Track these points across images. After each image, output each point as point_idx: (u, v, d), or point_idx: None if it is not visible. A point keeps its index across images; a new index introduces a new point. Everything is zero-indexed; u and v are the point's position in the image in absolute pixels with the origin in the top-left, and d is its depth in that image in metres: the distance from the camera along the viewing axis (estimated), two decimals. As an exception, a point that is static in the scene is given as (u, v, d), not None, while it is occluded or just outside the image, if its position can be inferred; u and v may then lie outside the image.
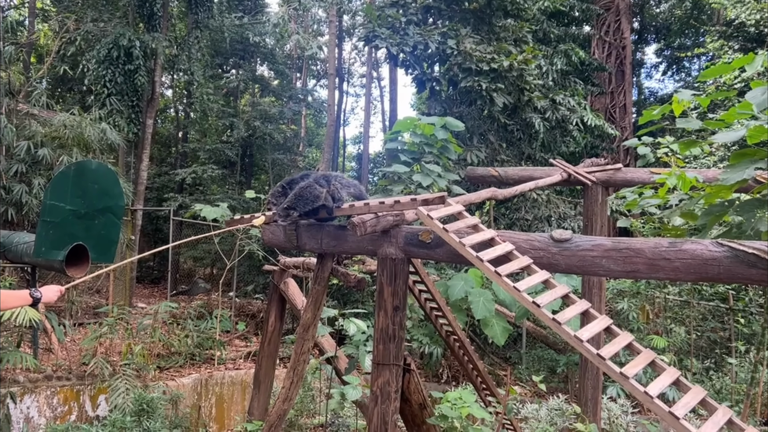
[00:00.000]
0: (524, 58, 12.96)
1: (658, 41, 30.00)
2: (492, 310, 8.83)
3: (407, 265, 4.63)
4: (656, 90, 31.81)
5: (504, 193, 6.33)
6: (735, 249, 3.32)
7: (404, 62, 13.52)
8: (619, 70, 23.56)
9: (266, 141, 21.23)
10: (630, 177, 7.43)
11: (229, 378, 10.50)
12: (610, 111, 23.40)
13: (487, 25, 14.29)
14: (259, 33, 21.07)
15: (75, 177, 7.62)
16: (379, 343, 4.52)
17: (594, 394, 7.49)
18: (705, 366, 11.15)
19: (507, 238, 4.11)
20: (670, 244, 3.56)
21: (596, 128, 15.33)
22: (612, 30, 23.94)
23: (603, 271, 3.78)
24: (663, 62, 30.67)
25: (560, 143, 15.18)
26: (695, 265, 3.45)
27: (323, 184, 4.66)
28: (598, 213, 7.59)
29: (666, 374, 3.24)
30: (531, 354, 12.72)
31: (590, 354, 3.24)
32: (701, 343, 11.65)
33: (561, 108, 14.40)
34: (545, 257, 3.97)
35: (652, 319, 11.49)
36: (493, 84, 12.72)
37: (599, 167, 7.52)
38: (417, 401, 4.94)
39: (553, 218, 14.61)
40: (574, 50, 16.18)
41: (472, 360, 6.62)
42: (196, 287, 17.29)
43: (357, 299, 13.55)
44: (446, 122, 7.98)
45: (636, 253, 3.61)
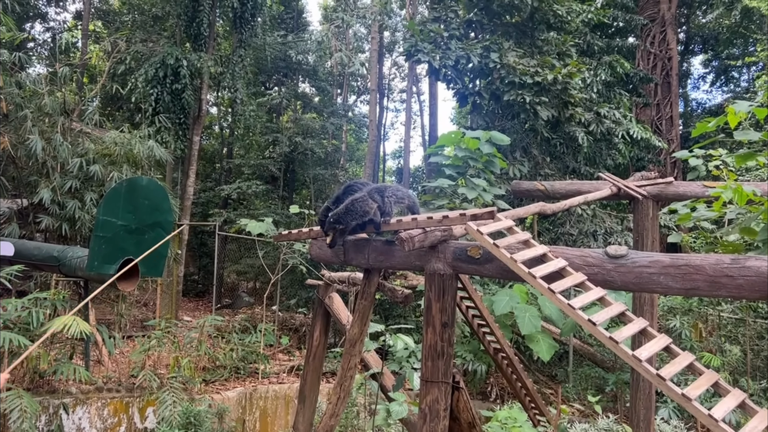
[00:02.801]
0: (568, 72, 12.80)
1: (705, 51, 29.32)
2: (538, 326, 8.67)
3: (455, 280, 4.58)
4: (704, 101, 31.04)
5: (552, 208, 6.23)
6: (804, 266, 3.17)
7: (446, 76, 13.52)
8: (665, 81, 23.06)
9: (308, 156, 21.48)
10: (682, 191, 7.22)
11: (273, 392, 10.55)
12: (657, 123, 22.89)
13: (530, 39, 14.19)
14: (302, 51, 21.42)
15: (126, 193, 7.84)
16: (428, 359, 4.48)
17: (647, 414, 7.25)
18: (762, 387, 10.68)
19: (559, 254, 4.03)
20: (733, 260, 3.43)
21: (643, 141, 14.99)
22: (657, 41, 23.48)
23: (661, 288, 3.66)
24: (710, 73, 29.94)
25: (605, 156, 14.89)
26: (760, 282, 3.31)
27: (377, 199, 4.65)
28: (649, 228, 7.39)
29: (730, 396, 3.11)
30: (578, 372, 12.41)
31: (649, 374, 3.13)
32: (758, 362, 11.17)
33: (606, 121, 14.14)
34: (599, 274, 3.87)
35: (705, 337, 11.08)
36: (537, 97, 12.59)
37: (649, 181, 7.34)
38: (466, 420, 4.86)
39: (599, 233, 14.31)
40: (619, 61, 15.91)
41: (521, 378, 6.49)
42: (240, 301, 17.51)
43: (399, 314, 13.49)
44: (491, 136, 7.91)
45: (696, 270, 3.49)
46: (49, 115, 10.88)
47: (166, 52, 14.02)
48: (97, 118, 11.61)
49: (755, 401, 10.22)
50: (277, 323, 13.81)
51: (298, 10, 25.15)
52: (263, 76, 23.74)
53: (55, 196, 10.23)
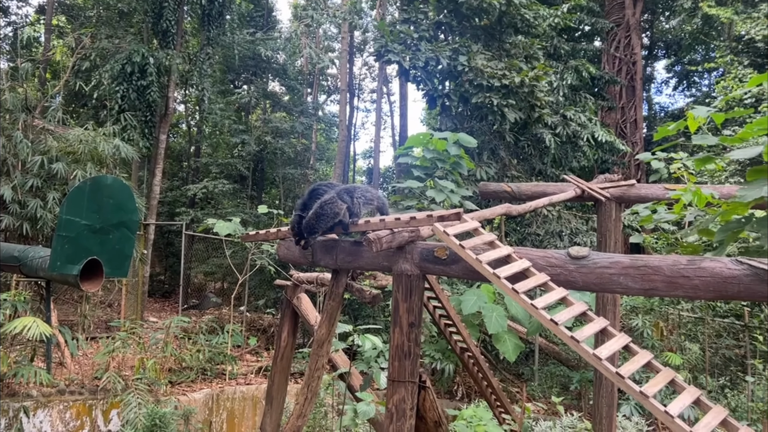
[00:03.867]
0: (535, 75, 13.00)
1: (668, 56, 30.02)
2: (505, 325, 8.79)
3: (423, 281, 4.63)
4: (666, 105, 31.80)
5: (518, 209, 6.32)
6: (755, 267, 3.30)
7: (416, 78, 13.59)
8: (629, 85, 23.56)
9: (277, 156, 21.37)
10: (644, 193, 7.40)
11: (240, 393, 10.48)
12: (621, 126, 23.36)
13: (498, 42, 14.36)
14: (271, 49, 21.29)
15: (90, 192, 7.70)
16: (395, 359, 4.51)
17: (609, 411, 7.41)
18: (720, 384, 11.01)
19: (523, 255, 4.11)
20: (689, 261, 3.55)
21: (607, 143, 15.31)
22: (622, 45, 23.97)
23: (621, 288, 3.76)
24: (673, 77, 30.67)
25: (571, 158, 15.16)
26: (714, 283, 3.43)
27: (346, 200, 4.67)
28: (612, 229, 7.56)
29: (686, 393, 3.22)
30: (543, 370, 12.61)
31: (609, 372, 3.22)
32: (716, 360, 11.51)
33: (572, 123, 14.40)
34: (562, 274, 3.96)
35: (666, 336, 11.38)
36: (504, 100, 12.76)
37: (613, 183, 7.50)
38: (432, 419, 4.91)
39: (565, 234, 14.56)
40: (584, 66, 16.22)
41: (486, 376, 6.57)
42: (207, 301, 17.33)
43: (368, 314, 13.52)
44: (459, 138, 8.00)
45: (654, 270, 3.60)
46: (9, 111, 10.61)
47: (132, 48, 13.80)
48: (61, 115, 11.36)
49: (713, 398, 10.53)
50: (244, 324, 13.71)
51: (268, 8, 24.97)
52: (232, 74, 23.52)
53: (15, 195, 9.99)
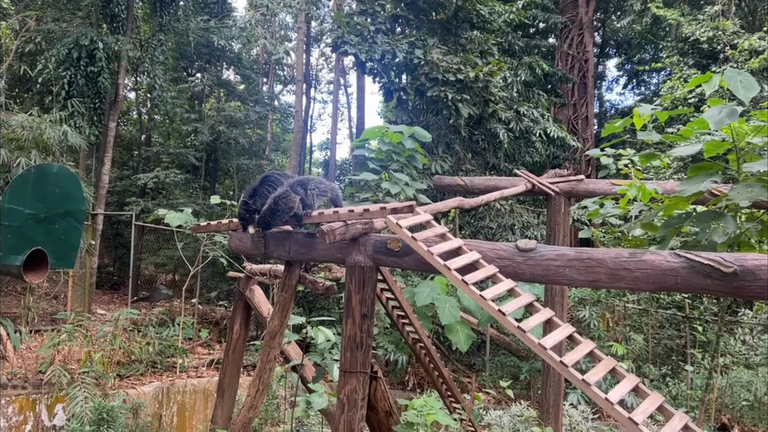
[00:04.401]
0: (489, 70, 13.18)
1: (619, 55, 30.81)
2: (457, 316, 8.93)
3: (375, 273, 4.66)
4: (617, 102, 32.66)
5: (471, 203, 6.43)
6: (691, 260, 3.45)
7: (372, 70, 13.59)
8: (581, 82, 24.10)
9: (231, 146, 21.05)
10: (592, 188, 7.61)
11: (192, 386, 10.34)
12: (573, 122, 23.91)
13: (454, 36, 14.48)
14: (226, 37, 20.91)
15: (35, 180, 7.44)
16: (347, 351, 4.54)
17: (556, 400, 7.63)
18: (662, 373, 11.45)
19: (474, 247, 4.19)
20: (631, 254, 3.68)
21: (559, 139, 15.65)
22: (575, 43, 24.49)
23: (566, 280, 3.88)
24: (624, 76, 31.50)
25: (524, 153, 15.44)
26: (654, 275, 3.57)
27: (299, 192, 4.66)
28: (560, 223, 7.75)
29: (626, 381, 3.35)
30: (494, 361, 12.87)
31: (553, 361, 3.33)
32: (659, 350, 11.96)
33: (525, 119, 14.67)
34: (510, 266, 4.06)
35: (612, 327, 11.76)
36: (459, 95, 12.89)
37: (562, 178, 7.69)
38: (383, 409, 4.97)
39: (517, 227, 14.84)
40: (538, 63, 16.51)
41: (438, 367, 6.68)
42: (158, 294, 17.00)
43: (323, 306, 13.51)
44: (414, 132, 8.06)
45: (598, 263, 3.72)
46: (-53, 95, 10.16)
47: (80, 32, 13.34)
48: (3, 100, 10.92)
49: (655, 386, 10.95)
50: (196, 316, 13.51)
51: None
52: (185, 61, 23.01)
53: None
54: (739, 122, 4.82)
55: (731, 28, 17.23)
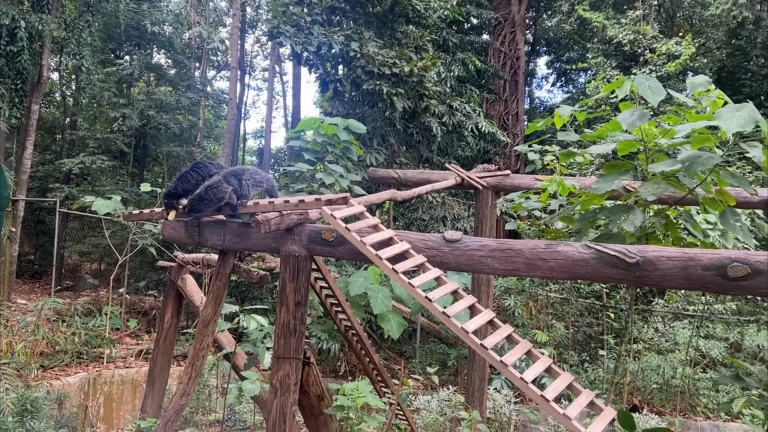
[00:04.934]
0: (424, 65, 13.46)
1: (549, 54, 31.81)
2: (389, 305, 9.17)
3: (310, 262, 4.80)
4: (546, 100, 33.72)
5: (403, 195, 6.64)
6: (600, 251, 3.78)
7: (308, 61, 13.60)
8: (513, 79, 24.81)
9: (161, 131, 20.52)
10: (517, 182, 7.99)
11: (119, 377, 10.16)
12: (504, 118, 24.61)
13: (390, 30, 14.68)
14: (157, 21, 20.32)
15: (-48, 164, 7.14)
16: (281, 337, 4.67)
17: (480, 385, 8.01)
18: (582, 358, 12.12)
19: (404, 238, 4.40)
20: (546, 246, 3.98)
21: (489, 134, 16.15)
22: (507, 40, 25.15)
23: (488, 269, 4.15)
24: (553, 74, 32.57)
25: (456, 147, 15.86)
26: (567, 265, 3.88)
27: (233, 182, 4.72)
28: (488, 216, 8.11)
29: (540, 362, 3.64)
30: (424, 348, 13.24)
31: (474, 344, 3.58)
32: (578, 337, 12.64)
33: (458, 114, 15.06)
34: (438, 256, 4.29)
35: (535, 315, 12.33)
36: (394, 88, 13.11)
37: (490, 173, 8.04)
38: (315, 393, 5.13)
39: (448, 219, 15.26)
40: (470, 59, 16.95)
41: (369, 353, 6.89)
42: (83, 283, 16.47)
43: (255, 296, 13.49)
44: (349, 124, 8.20)
45: (517, 253, 4.01)
46: None
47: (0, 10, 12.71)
48: None
49: (575, 370, 11.59)
50: (124, 306, 13.21)
51: (155, -23, 23.73)
52: (113, 43, 22.20)
53: None
54: (649, 124, 5.23)
55: (651, 33, 18.21)
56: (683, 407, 10.54)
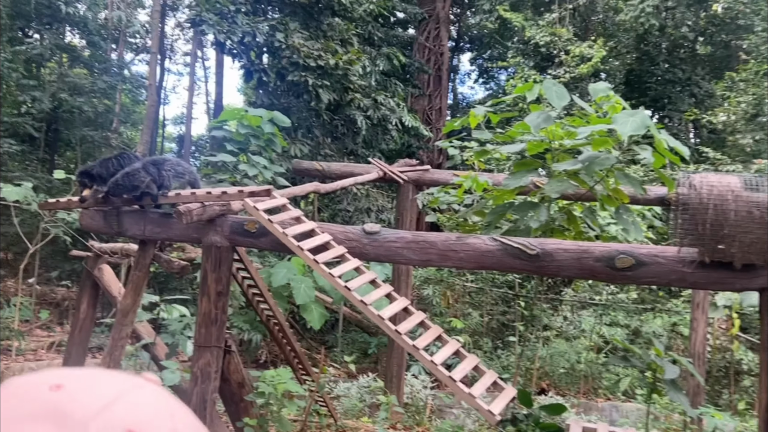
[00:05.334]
0: (349, 59, 13.60)
1: (472, 50, 32.59)
2: (312, 296, 9.32)
3: (232, 252, 4.90)
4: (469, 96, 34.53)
5: (327, 188, 6.82)
6: (505, 244, 4.10)
7: (231, 51, 13.43)
8: (437, 75, 25.32)
9: (75, 115, 19.63)
10: (436, 177, 8.33)
11: (29, 369, 9.79)
12: (428, 113, 25.09)
13: (316, 22, 14.71)
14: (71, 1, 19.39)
15: None
16: (202, 326, 4.75)
17: (399, 371, 8.33)
18: (495, 345, 12.71)
19: (326, 230, 4.58)
20: (457, 238, 4.28)
21: (413, 129, 16.51)
22: (432, 36, 25.61)
23: (404, 259, 4.41)
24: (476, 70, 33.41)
25: (381, 141, 16.12)
26: (476, 256, 4.19)
27: (152, 171, 4.74)
28: (408, 208, 8.41)
29: (448, 346, 3.93)
30: (346, 337, 13.47)
31: (389, 329, 3.82)
32: (493, 324, 13.24)
33: (382, 108, 15.30)
34: (358, 247, 4.51)
35: (452, 304, 12.82)
36: (319, 80, 13.18)
37: (411, 167, 8.33)
38: (236, 380, 5.24)
39: (372, 210, 15.51)
40: (395, 54, 17.23)
41: (291, 343, 7.03)
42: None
43: (175, 287, 13.27)
44: (273, 116, 8.26)
45: (430, 245, 4.28)
46: None
47: None
48: None
49: (489, 356, 12.15)
50: (34, 297, 12.67)
51: (68, -48, 22.56)
52: (22, 20, 20.96)
53: None
54: (555, 126, 5.63)
55: (566, 35, 19.11)
56: (587, 389, 11.30)
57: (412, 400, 8.82)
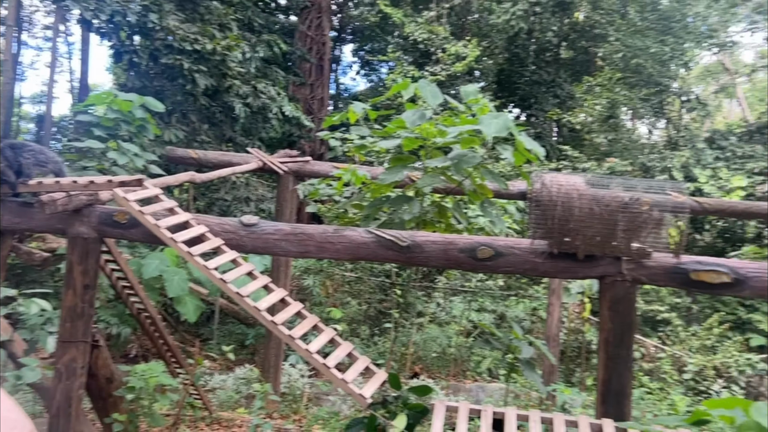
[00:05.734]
0: (228, 45, 13.29)
1: (354, 42, 32.85)
2: (186, 288, 9.08)
3: (100, 244, 4.72)
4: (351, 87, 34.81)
5: (203, 177, 6.70)
6: (378, 236, 4.31)
7: (99, 29, 12.62)
8: (319, 64, 25.30)
9: None
10: (316, 169, 8.44)
11: None
12: (310, 102, 25.03)
13: (192, 4, 14.18)
14: None
15: None
16: (67, 321, 4.55)
17: (276, 361, 8.38)
18: (373, 332, 13.08)
19: (202, 221, 4.54)
20: (335, 231, 4.42)
21: (294, 118, 16.45)
22: (314, 25, 25.54)
23: (282, 251, 4.49)
24: (358, 62, 33.72)
25: (261, 129, 15.91)
26: (352, 247, 4.37)
27: (9, 155, 4.44)
28: (288, 200, 8.45)
29: (324, 334, 4.08)
30: (223, 330, 13.25)
31: (266, 320, 3.89)
32: (370, 312, 13.60)
33: (262, 96, 15.10)
34: (235, 239, 4.52)
35: (331, 294, 13.01)
36: (195, 65, 12.75)
37: (291, 158, 8.37)
38: (104, 375, 5.06)
39: (252, 200, 15.30)
40: (276, 41, 17.04)
41: (163, 336, 6.86)
42: None
43: (34, 279, 12.35)
44: (146, 102, 7.94)
45: (308, 237, 4.40)
46: None
47: None
48: None
49: (366, 343, 12.48)
50: None
51: None
52: None
53: None
54: (429, 124, 5.93)
55: (443, 34, 19.84)
56: (456, 372, 11.95)
57: (290, 389, 8.91)
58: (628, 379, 4.16)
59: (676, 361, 10.99)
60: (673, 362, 10.94)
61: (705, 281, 3.96)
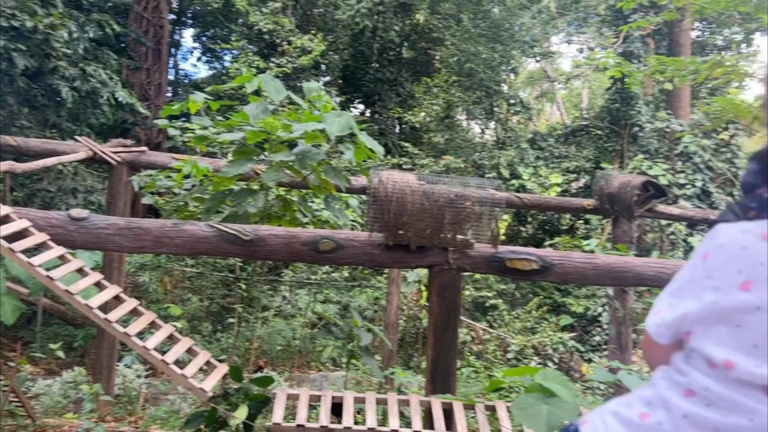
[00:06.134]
0: (51, 23, 12.18)
1: (195, 27, 31.50)
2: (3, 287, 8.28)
3: None
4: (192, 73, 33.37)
5: (23, 168, 6.17)
6: (221, 230, 4.31)
7: None
8: (156, 48, 23.98)
9: None
10: (153, 160, 8.10)
11: None
12: (146, 88, 23.63)
13: (10, -27, 12.80)
14: None
15: None
16: None
17: (109, 362, 7.95)
18: (215, 328, 12.79)
19: (24, 215, 4.23)
20: (174, 225, 4.35)
21: (128, 105, 15.50)
22: (151, 6, 24.14)
23: (116, 246, 4.32)
24: (199, 48, 32.39)
25: (90, 115, 14.80)
26: (192, 242, 4.32)
27: None
28: (122, 192, 8.02)
29: (162, 331, 4.01)
30: (47, 331, 12.21)
31: (99, 319, 3.75)
32: (213, 308, 13.29)
33: (92, 80, 14.06)
34: (62, 234, 4.27)
35: (170, 290, 12.52)
36: (13, 43, 11.55)
37: (125, 148, 7.95)
38: None
39: (80, 191, 14.19)
40: (108, 22, 15.91)
41: (-24, 341, 6.23)
42: None
43: None
44: (-47, 80, 7.10)
45: (145, 231, 4.28)
46: None
47: None
48: None
49: (208, 340, 12.20)
50: None
51: None
52: None
53: None
54: (273, 118, 5.99)
55: (289, 26, 19.78)
56: (300, 363, 12.11)
57: (125, 391, 8.49)
58: (454, 358, 4.57)
59: (502, 343, 12.08)
60: (498, 343, 12.02)
61: (518, 268, 4.48)
